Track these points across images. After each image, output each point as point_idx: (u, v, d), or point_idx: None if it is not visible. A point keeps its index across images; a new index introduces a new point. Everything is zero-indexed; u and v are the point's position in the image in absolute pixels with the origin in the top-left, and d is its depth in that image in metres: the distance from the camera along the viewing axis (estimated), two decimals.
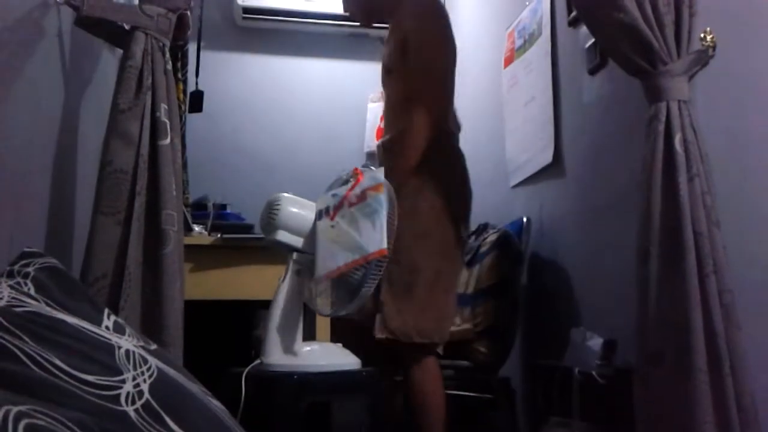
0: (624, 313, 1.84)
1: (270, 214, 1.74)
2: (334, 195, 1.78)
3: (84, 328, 0.72)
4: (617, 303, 2.08)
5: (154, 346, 0.82)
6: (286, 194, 1.79)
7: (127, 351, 0.72)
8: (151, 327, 1.43)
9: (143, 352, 0.74)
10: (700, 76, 1.85)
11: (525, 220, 2.69)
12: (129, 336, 0.79)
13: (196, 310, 1.75)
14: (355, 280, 1.65)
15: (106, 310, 0.82)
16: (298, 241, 1.75)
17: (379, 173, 1.76)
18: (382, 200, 1.68)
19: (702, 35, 1.86)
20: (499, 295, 2.55)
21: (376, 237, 1.64)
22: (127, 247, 1.47)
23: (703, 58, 1.83)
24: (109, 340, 0.73)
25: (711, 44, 1.86)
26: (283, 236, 1.74)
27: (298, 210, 1.77)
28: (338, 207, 1.73)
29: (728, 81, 1.94)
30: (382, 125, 2.40)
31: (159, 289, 1.46)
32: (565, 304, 2.46)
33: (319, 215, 1.76)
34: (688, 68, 1.80)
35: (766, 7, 2.01)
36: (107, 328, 0.78)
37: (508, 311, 2.56)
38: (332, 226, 1.72)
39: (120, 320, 0.83)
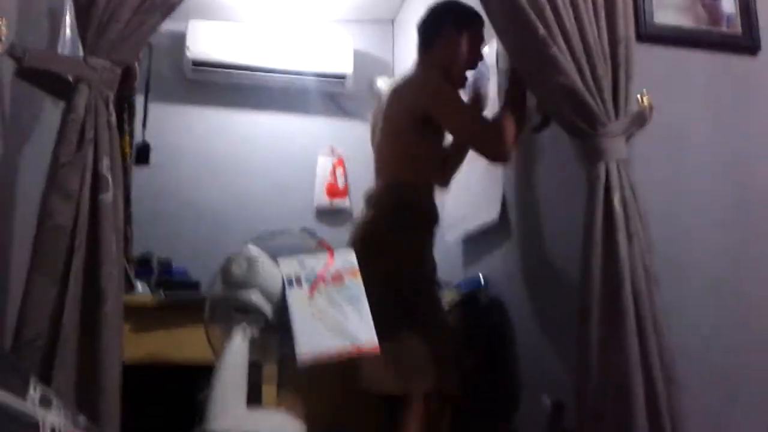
0: (572, 373, 1.84)
1: (251, 270, 1.62)
2: (301, 263, 1.71)
3: (6, 404, 0.68)
4: (564, 363, 2.08)
5: (83, 421, 0.78)
6: (257, 249, 1.66)
7: (53, 430, 0.68)
8: (85, 392, 1.38)
9: (71, 430, 0.71)
10: (637, 136, 1.91)
11: (481, 276, 2.68)
12: (56, 409, 0.75)
13: (135, 373, 1.68)
14: None
15: (32, 380, 0.78)
16: (265, 305, 1.64)
17: (351, 255, 1.72)
18: (362, 288, 1.64)
19: (639, 97, 1.94)
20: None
21: (365, 328, 1.60)
22: (64, 306, 1.42)
23: (641, 119, 1.90)
24: (34, 416, 0.69)
25: (648, 106, 1.94)
26: (258, 297, 1.62)
27: (273, 271, 1.65)
28: (315, 283, 1.67)
29: (664, 141, 2.01)
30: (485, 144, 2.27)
31: (96, 352, 1.41)
32: (515, 365, 2.45)
33: (289, 282, 1.68)
34: (626, 129, 1.86)
35: (699, 71, 2.11)
36: (33, 401, 0.74)
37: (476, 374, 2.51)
38: (309, 301, 1.65)
39: (48, 391, 0.79)
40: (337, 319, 1.61)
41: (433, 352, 2.13)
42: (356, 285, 1.65)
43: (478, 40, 2.41)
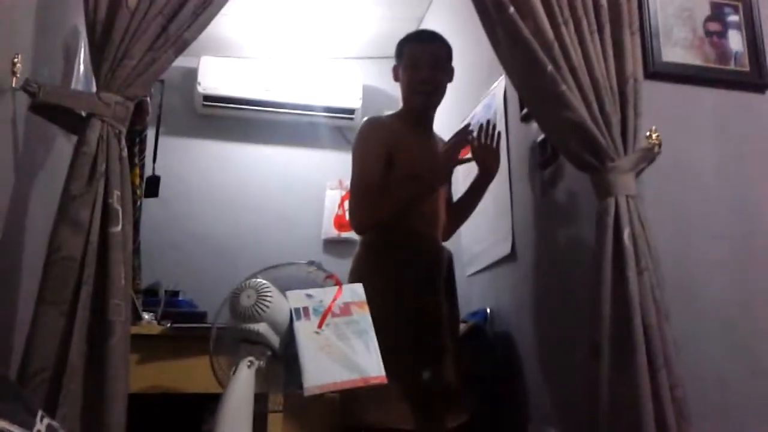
0: (580, 406, 1.82)
1: (260, 303, 1.60)
2: (309, 296, 1.71)
3: None
4: (573, 396, 2.06)
5: None
6: (266, 281, 1.64)
7: None
8: (91, 424, 1.37)
9: None
10: (648, 172, 1.91)
11: (488, 311, 2.68)
12: None
13: (142, 403, 1.67)
14: None
15: (40, 413, 0.78)
16: (274, 337, 1.65)
17: (359, 287, 1.73)
18: (370, 321, 1.65)
19: (648, 133, 1.95)
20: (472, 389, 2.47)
21: (373, 360, 1.60)
22: (71, 338, 1.42)
23: (650, 155, 1.91)
24: None
25: (657, 142, 1.94)
26: (266, 330, 1.60)
27: (282, 304, 1.63)
28: (324, 315, 1.67)
29: (673, 177, 2.01)
30: (347, 213, 2.35)
31: (102, 384, 1.40)
32: (522, 397, 2.43)
33: (297, 315, 1.68)
34: (635, 165, 1.86)
35: (707, 108, 2.11)
36: None
37: (481, 405, 2.48)
38: (317, 333, 1.65)
39: (54, 424, 0.79)
40: (344, 352, 1.60)
41: (436, 388, 2.11)
42: (364, 317, 1.66)
43: (413, 61, 2.34)
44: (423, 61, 2.33)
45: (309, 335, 1.62)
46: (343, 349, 1.60)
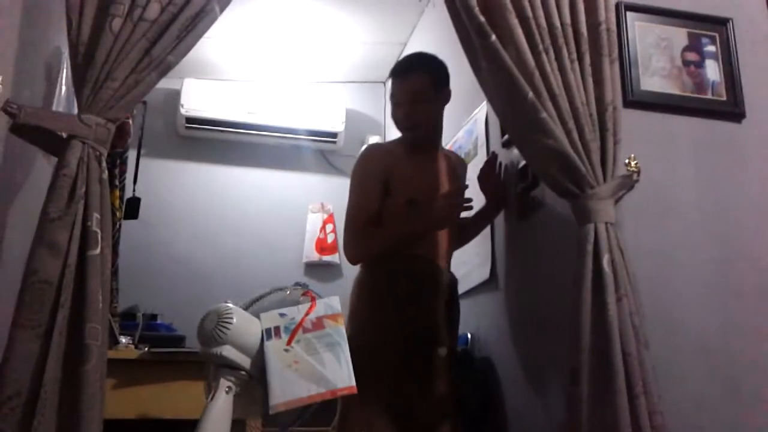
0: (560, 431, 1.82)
1: (219, 326, 1.63)
2: (282, 315, 1.72)
3: None
4: (552, 422, 2.06)
5: None
6: (232, 305, 1.69)
7: None
8: None
9: None
10: (626, 200, 1.93)
11: (469, 336, 2.67)
12: None
13: (118, 429, 1.65)
14: None
15: None
16: (243, 359, 1.65)
17: (334, 301, 1.73)
18: (342, 332, 1.66)
19: (627, 161, 1.97)
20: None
21: (343, 372, 1.61)
22: (46, 363, 1.39)
23: (629, 182, 1.93)
24: None
25: (635, 169, 1.97)
26: (229, 352, 1.63)
27: (247, 324, 1.67)
28: (294, 331, 1.68)
29: (652, 204, 2.03)
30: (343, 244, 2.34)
31: (77, 410, 1.38)
32: (502, 422, 2.42)
33: (268, 334, 1.68)
34: (614, 192, 1.88)
35: (685, 137, 2.15)
36: None
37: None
38: (286, 350, 1.66)
39: None
40: (313, 366, 1.62)
41: (426, 414, 2.10)
42: (337, 330, 1.67)
43: (394, 98, 2.35)
44: (400, 98, 2.32)
45: (278, 353, 1.64)
46: (311, 363, 1.62)
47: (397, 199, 2.26)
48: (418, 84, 2.30)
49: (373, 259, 2.26)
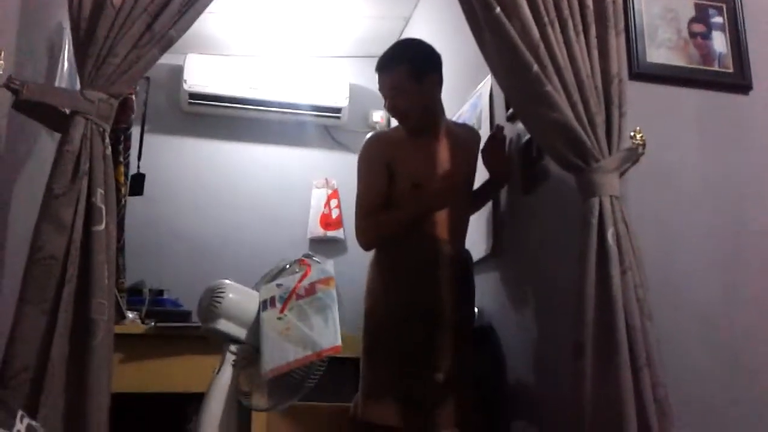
0: (564, 405, 1.83)
1: (212, 301, 1.69)
2: (279, 285, 1.75)
3: None
4: (556, 395, 2.07)
5: None
6: (228, 281, 1.75)
7: None
8: (73, 425, 1.36)
9: None
10: (631, 173, 1.92)
11: (476, 310, 2.65)
12: None
13: (125, 403, 1.67)
14: (298, 375, 1.62)
15: (20, 414, 0.77)
16: (240, 332, 1.70)
17: (328, 265, 1.75)
18: (333, 295, 1.69)
19: (632, 134, 1.95)
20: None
21: (329, 332, 1.63)
22: (53, 338, 1.41)
23: (633, 155, 1.91)
24: None
25: (641, 142, 1.95)
26: (224, 325, 1.69)
27: (241, 298, 1.73)
28: (287, 299, 1.70)
29: (657, 177, 2.02)
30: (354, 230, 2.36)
31: (84, 384, 1.39)
32: (504, 397, 2.44)
33: (264, 305, 1.72)
34: (619, 165, 1.87)
35: (691, 109, 2.13)
36: None
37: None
38: (280, 319, 1.69)
39: (35, 424, 0.78)
40: (302, 331, 1.67)
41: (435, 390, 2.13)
42: (328, 293, 1.70)
43: (380, 92, 2.40)
44: (383, 92, 2.38)
45: (272, 322, 1.69)
46: (301, 329, 1.66)
47: (402, 185, 2.29)
48: (396, 77, 2.33)
49: (386, 242, 2.30)
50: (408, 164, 2.31)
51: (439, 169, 2.35)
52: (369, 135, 2.46)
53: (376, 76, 2.39)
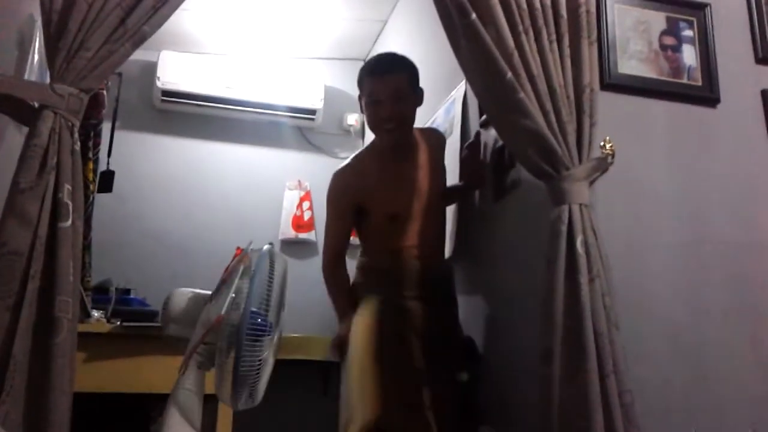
0: (532, 411, 1.84)
1: (162, 309, 1.78)
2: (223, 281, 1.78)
3: None
4: (525, 401, 2.08)
5: None
6: (182, 289, 1.80)
7: None
8: (34, 423, 1.33)
9: None
10: (600, 182, 1.95)
11: None
12: None
13: (88, 402, 1.64)
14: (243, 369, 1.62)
15: None
16: (190, 333, 1.71)
17: (252, 246, 1.80)
18: (239, 270, 1.72)
19: (602, 143, 1.98)
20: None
21: (218, 306, 1.66)
22: (15, 334, 1.38)
23: (603, 164, 1.94)
24: None
25: (610, 152, 1.98)
26: (173, 330, 1.76)
27: (186, 304, 1.78)
28: (217, 289, 1.75)
29: (626, 187, 2.05)
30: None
31: (46, 383, 1.37)
32: (473, 401, 2.44)
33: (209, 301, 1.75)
34: (589, 174, 1.90)
35: (661, 120, 2.16)
36: None
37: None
38: (208, 306, 1.73)
39: None
40: (209, 313, 1.70)
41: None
42: (235, 270, 1.73)
43: (373, 98, 2.28)
44: (382, 96, 2.26)
45: (207, 314, 1.73)
46: (210, 310, 1.70)
47: (377, 219, 2.32)
48: (400, 81, 2.28)
49: (366, 252, 2.37)
50: (380, 196, 2.29)
51: (414, 192, 2.34)
52: (336, 170, 2.39)
53: (371, 79, 2.30)
